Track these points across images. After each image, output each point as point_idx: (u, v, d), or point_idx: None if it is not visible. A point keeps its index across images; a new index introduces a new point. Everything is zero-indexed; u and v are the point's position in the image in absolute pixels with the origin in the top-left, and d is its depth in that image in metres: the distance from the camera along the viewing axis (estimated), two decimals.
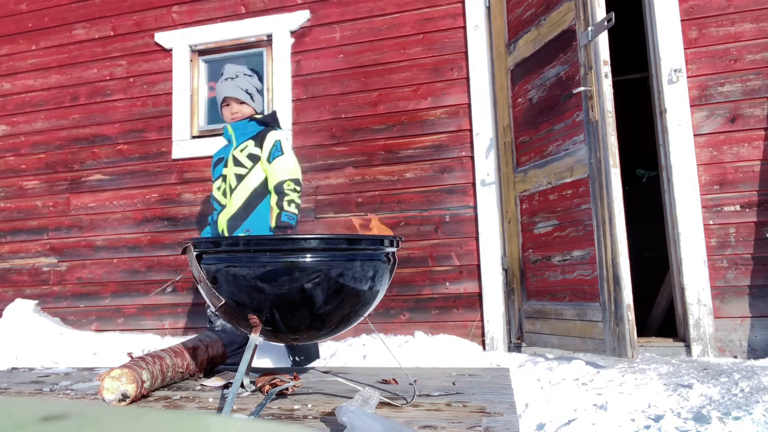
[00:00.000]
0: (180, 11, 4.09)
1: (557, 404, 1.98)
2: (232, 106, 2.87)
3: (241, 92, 2.87)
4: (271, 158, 2.76)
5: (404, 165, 3.56)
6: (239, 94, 2.86)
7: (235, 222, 2.77)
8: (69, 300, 4.05)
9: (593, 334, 2.71)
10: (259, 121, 2.89)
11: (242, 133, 2.86)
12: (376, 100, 3.66)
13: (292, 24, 3.83)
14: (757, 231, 2.96)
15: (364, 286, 1.30)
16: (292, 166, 2.76)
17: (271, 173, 2.76)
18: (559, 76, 3.01)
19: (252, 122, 2.88)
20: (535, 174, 3.18)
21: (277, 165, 2.75)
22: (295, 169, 2.77)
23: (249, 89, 2.90)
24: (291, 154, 2.80)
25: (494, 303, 3.31)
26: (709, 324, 2.93)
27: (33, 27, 4.40)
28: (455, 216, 3.45)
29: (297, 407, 1.28)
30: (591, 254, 2.75)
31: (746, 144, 3.03)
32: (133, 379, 1.33)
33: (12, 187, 4.28)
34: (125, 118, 4.10)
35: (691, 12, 3.14)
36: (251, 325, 1.28)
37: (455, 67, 3.55)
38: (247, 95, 2.88)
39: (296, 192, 2.73)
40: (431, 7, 3.62)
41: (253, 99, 2.90)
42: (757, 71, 3.04)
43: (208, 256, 1.30)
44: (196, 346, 1.64)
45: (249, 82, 2.90)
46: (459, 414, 1.19)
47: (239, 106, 2.88)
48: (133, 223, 3.99)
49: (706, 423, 1.66)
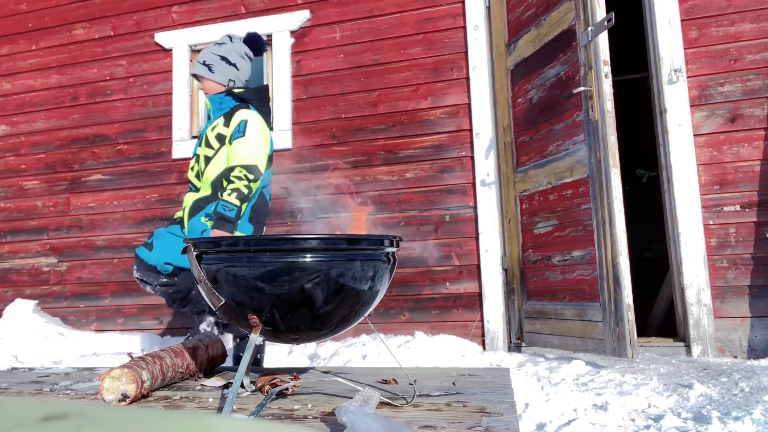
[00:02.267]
0: (180, 11, 4.09)
1: (557, 404, 1.98)
2: (201, 83, 2.64)
3: (199, 66, 2.60)
4: (232, 139, 2.48)
5: (404, 165, 3.56)
6: (197, 69, 2.60)
7: (200, 204, 2.54)
8: (69, 300, 4.05)
9: (593, 334, 2.71)
10: (236, 96, 2.59)
11: (218, 108, 2.60)
12: (376, 100, 3.66)
13: (292, 24, 3.83)
14: (757, 231, 2.96)
15: (364, 286, 1.30)
16: (248, 151, 2.43)
17: (229, 156, 2.49)
18: (559, 76, 3.01)
19: (228, 97, 2.59)
20: (535, 174, 3.18)
21: (233, 148, 2.46)
22: (251, 155, 2.44)
23: (208, 60, 2.59)
24: (254, 137, 2.47)
25: (494, 303, 3.31)
26: (709, 324, 2.93)
27: (33, 27, 4.40)
28: (455, 216, 3.45)
29: (297, 407, 1.28)
30: (591, 254, 2.75)
31: (746, 144, 3.03)
32: (133, 379, 1.33)
33: (12, 187, 4.28)
34: (125, 118, 4.10)
35: (691, 12, 3.14)
36: (251, 325, 1.28)
37: (455, 67, 3.55)
38: (203, 68, 2.58)
39: (244, 180, 2.40)
40: (431, 7, 3.62)
41: (211, 70, 2.57)
42: (757, 71, 3.04)
43: (208, 256, 1.30)
44: (196, 346, 1.64)
45: (211, 51, 2.61)
46: (459, 414, 1.19)
47: (203, 83, 2.61)
48: (133, 223, 3.99)
49: (706, 423, 1.66)
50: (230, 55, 2.59)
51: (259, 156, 2.46)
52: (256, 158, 2.44)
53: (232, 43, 2.62)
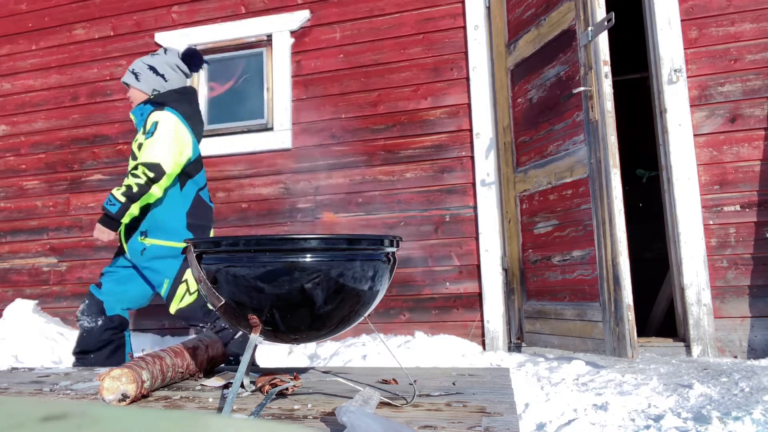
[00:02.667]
0: (180, 11, 4.09)
1: (557, 404, 1.98)
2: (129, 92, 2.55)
3: (127, 75, 2.51)
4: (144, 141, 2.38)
5: (404, 165, 3.56)
6: (125, 77, 2.52)
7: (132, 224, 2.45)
8: (69, 300, 4.05)
9: (593, 334, 2.71)
10: (153, 101, 2.48)
11: (140, 120, 2.51)
12: (376, 100, 3.66)
13: (292, 24, 3.83)
14: (757, 231, 2.96)
15: (364, 286, 1.30)
16: (153, 149, 2.31)
17: None
18: (559, 76, 3.01)
19: (147, 105, 2.49)
20: (535, 174, 3.18)
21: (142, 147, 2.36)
22: (155, 154, 2.31)
23: (136, 68, 2.51)
24: (163, 136, 2.34)
25: (494, 303, 3.31)
26: (709, 324, 2.93)
27: (33, 27, 4.40)
28: (455, 216, 3.45)
29: (297, 407, 1.28)
30: (591, 254, 2.75)
31: (746, 144, 3.03)
32: (133, 379, 1.33)
33: (12, 187, 4.28)
34: (125, 118, 4.10)
35: (691, 12, 3.14)
36: (251, 325, 1.28)
37: (455, 67, 3.55)
38: (131, 76, 2.50)
39: (140, 178, 2.27)
40: (431, 7, 3.62)
41: (137, 79, 2.49)
42: (757, 71, 3.04)
43: (208, 256, 1.30)
44: (196, 346, 1.64)
45: (142, 61, 2.53)
46: (459, 414, 1.19)
47: (129, 92, 2.54)
48: None
49: (706, 423, 1.66)
50: (159, 66, 2.52)
51: (165, 155, 2.32)
52: (160, 157, 2.31)
53: (166, 55, 2.57)
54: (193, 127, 2.54)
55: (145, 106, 2.50)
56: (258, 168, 3.80)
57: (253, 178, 3.80)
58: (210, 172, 3.89)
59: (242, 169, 3.83)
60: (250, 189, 3.80)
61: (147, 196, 2.37)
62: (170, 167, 2.36)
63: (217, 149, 3.86)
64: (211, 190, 3.87)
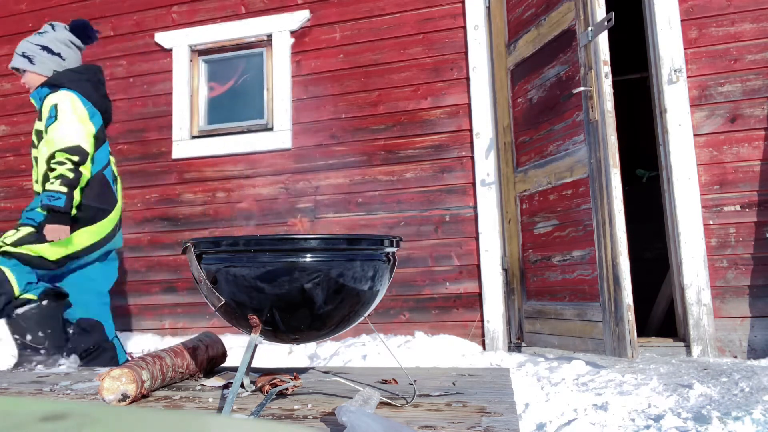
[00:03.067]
0: (180, 11, 4.09)
1: (557, 404, 1.98)
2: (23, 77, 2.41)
3: (18, 59, 2.39)
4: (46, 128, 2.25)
5: (404, 165, 3.56)
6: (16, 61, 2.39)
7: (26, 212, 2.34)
8: None
9: (593, 334, 2.71)
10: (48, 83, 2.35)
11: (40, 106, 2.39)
12: (376, 100, 3.66)
13: (292, 24, 3.83)
14: (757, 231, 2.96)
15: (364, 286, 1.30)
16: (63, 133, 2.21)
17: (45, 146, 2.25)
18: (559, 76, 3.01)
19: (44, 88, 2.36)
20: (535, 174, 3.18)
21: (47, 135, 2.24)
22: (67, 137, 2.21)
23: (28, 51, 2.38)
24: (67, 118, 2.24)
25: (494, 303, 3.31)
26: (709, 324, 2.93)
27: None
28: (455, 216, 3.45)
29: (297, 407, 1.28)
30: (591, 254, 2.75)
31: (746, 144, 3.03)
32: (133, 379, 1.33)
33: (12, 187, 4.28)
34: (125, 118, 4.10)
35: (691, 12, 3.14)
36: (251, 325, 1.28)
37: (455, 67, 3.55)
38: (23, 60, 2.38)
39: (67, 164, 2.18)
40: (431, 7, 3.62)
41: (32, 62, 2.37)
42: (757, 71, 3.04)
43: (208, 256, 1.30)
44: (196, 346, 1.64)
45: (31, 41, 2.40)
46: (459, 414, 1.19)
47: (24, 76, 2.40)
48: (133, 223, 3.99)
49: (706, 423, 1.66)
50: (52, 44, 2.41)
51: (79, 135, 2.23)
52: (76, 138, 2.22)
53: (55, 31, 2.45)
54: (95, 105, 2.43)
55: (42, 89, 2.38)
56: (258, 168, 3.80)
57: (253, 179, 3.80)
58: (210, 172, 3.89)
59: (242, 169, 3.83)
60: (250, 189, 3.80)
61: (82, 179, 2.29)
62: (89, 146, 2.29)
63: (217, 149, 3.86)
64: (212, 190, 3.88)
